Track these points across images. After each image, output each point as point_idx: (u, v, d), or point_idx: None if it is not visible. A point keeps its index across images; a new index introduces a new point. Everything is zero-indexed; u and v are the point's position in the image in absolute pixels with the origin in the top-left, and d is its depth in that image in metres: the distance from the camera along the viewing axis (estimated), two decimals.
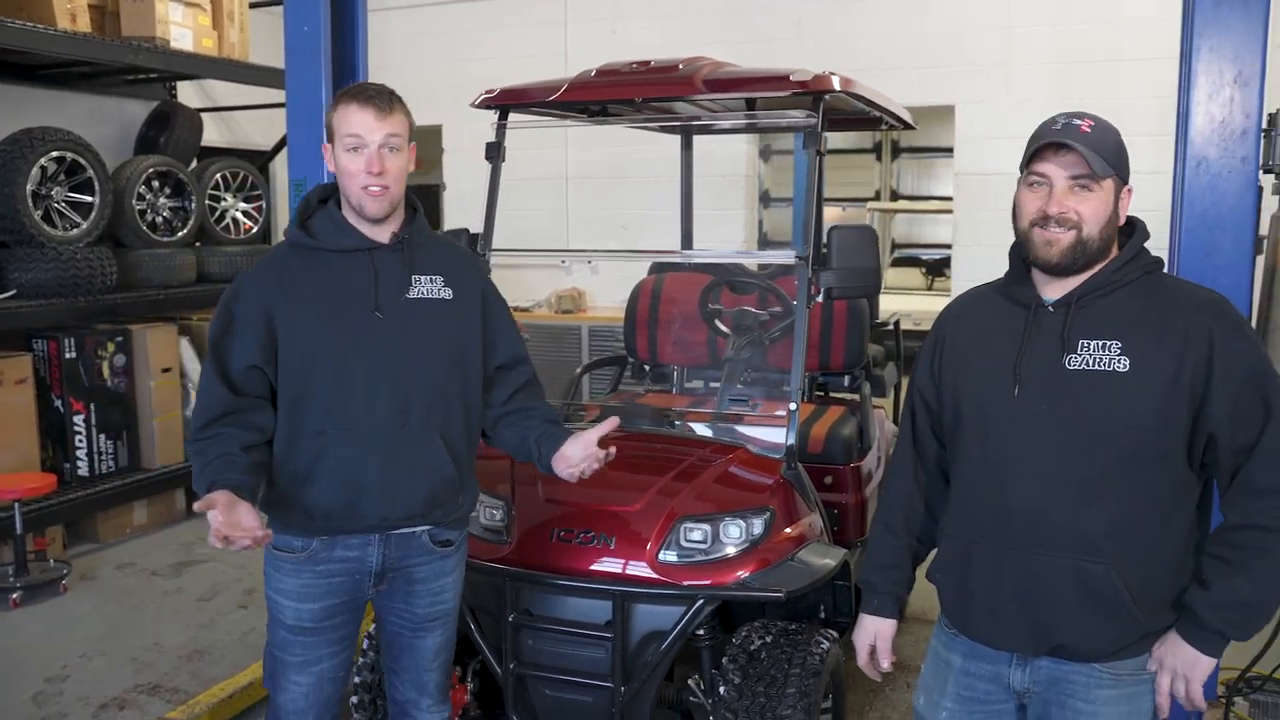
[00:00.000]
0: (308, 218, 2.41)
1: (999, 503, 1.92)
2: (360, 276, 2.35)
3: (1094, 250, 1.87)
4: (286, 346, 2.33)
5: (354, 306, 2.34)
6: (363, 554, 2.41)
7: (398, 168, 2.32)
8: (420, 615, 2.52)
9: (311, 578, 2.40)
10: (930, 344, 2.12)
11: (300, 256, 2.39)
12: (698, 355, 4.37)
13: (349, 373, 2.33)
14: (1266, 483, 1.79)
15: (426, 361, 2.38)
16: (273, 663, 2.49)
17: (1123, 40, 6.39)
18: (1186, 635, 1.85)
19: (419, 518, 2.42)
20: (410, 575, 2.48)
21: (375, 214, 2.33)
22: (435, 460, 2.39)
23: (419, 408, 2.37)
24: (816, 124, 3.16)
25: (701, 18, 7.38)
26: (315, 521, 2.36)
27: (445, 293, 2.42)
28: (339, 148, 2.31)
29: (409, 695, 2.60)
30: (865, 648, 2.21)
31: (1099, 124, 1.87)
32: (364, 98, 2.28)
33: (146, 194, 5.92)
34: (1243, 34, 3.01)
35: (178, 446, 6.01)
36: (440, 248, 2.53)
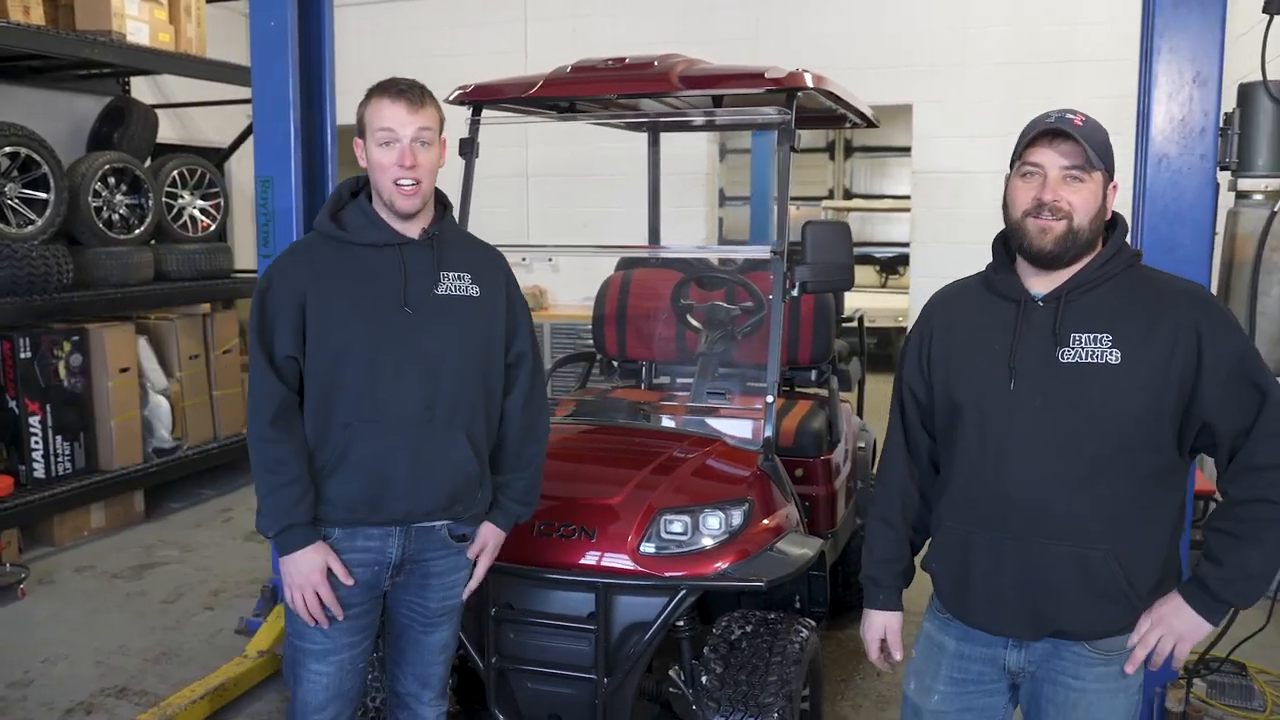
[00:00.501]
0: (339, 210, 2.42)
1: (998, 494, 1.97)
2: (390, 271, 2.37)
3: (1083, 241, 1.92)
4: (316, 337, 2.34)
5: (384, 301, 2.35)
6: (383, 544, 2.42)
7: (429, 161, 2.35)
8: (432, 610, 2.53)
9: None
10: (917, 339, 2.16)
11: (330, 248, 2.39)
12: (666, 350, 4.41)
13: (378, 366, 2.33)
14: (1267, 460, 1.85)
15: (453, 358, 2.40)
16: (293, 653, 2.49)
17: (1077, 41, 6.55)
18: (1195, 605, 1.91)
19: (440, 512, 2.43)
20: (427, 569, 2.49)
21: (407, 209, 2.35)
22: (460, 456, 2.41)
23: (446, 403, 2.38)
24: (790, 120, 3.21)
25: (661, 17, 7.42)
26: (339, 513, 2.37)
27: (473, 290, 2.44)
28: (371, 142, 2.32)
29: (411, 689, 2.61)
30: (875, 641, 2.25)
31: (1089, 120, 1.93)
32: (395, 91, 2.30)
33: (103, 191, 5.81)
34: (1201, 35, 3.11)
35: (136, 447, 5.92)
36: (467, 244, 2.56)
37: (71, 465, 5.61)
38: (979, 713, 2.14)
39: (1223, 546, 1.90)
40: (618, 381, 4.57)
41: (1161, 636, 1.93)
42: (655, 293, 4.44)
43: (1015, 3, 6.68)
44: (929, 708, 2.17)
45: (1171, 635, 1.93)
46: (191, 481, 6.62)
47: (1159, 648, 1.94)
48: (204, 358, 6.50)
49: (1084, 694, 2.00)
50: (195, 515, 6.21)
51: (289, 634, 2.52)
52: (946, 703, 2.14)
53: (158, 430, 6.11)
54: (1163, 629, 1.93)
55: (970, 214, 6.90)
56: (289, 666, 2.54)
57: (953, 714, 2.15)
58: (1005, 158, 7.29)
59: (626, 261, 4.81)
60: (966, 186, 6.90)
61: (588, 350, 4.86)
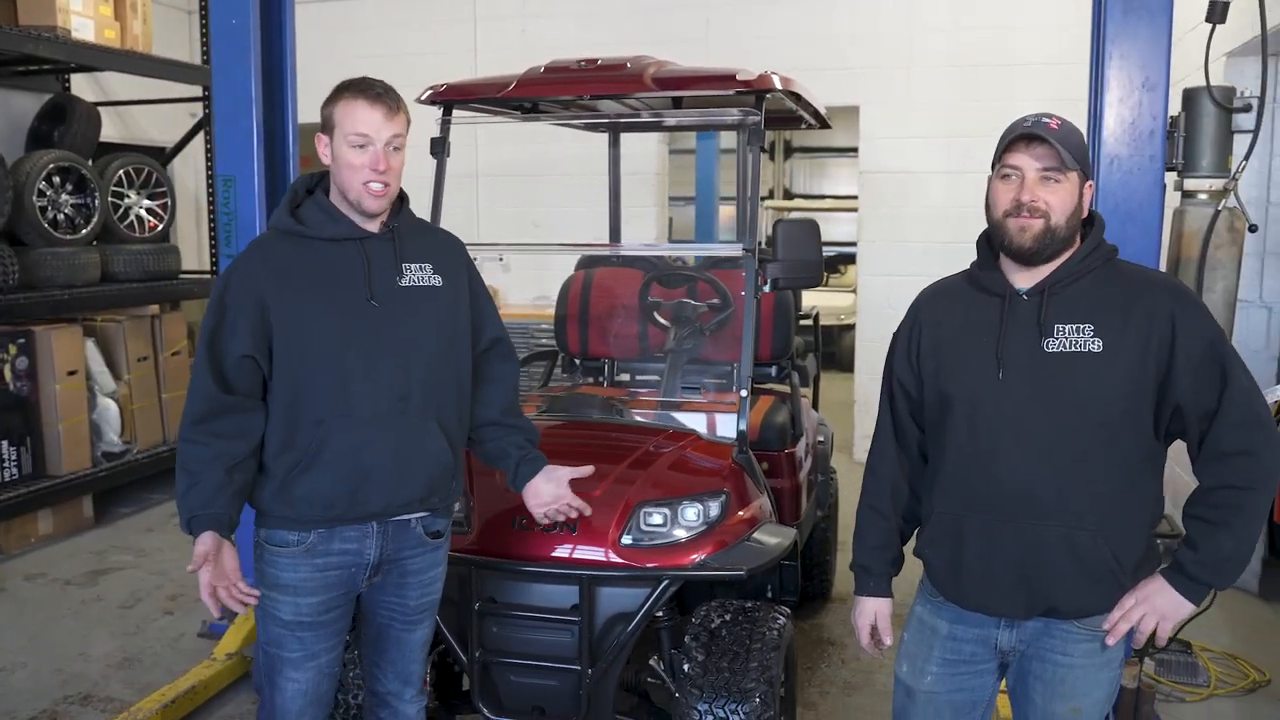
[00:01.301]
0: (296, 206, 2.41)
1: (991, 481, 2.06)
2: (352, 265, 2.37)
3: (1060, 238, 2.02)
4: (282, 336, 2.32)
5: (349, 295, 2.35)
6: (361, 546, 2.42)
7: (399, 166, 2.37)
8: (412, 607, 2.54)
9: (310, 571, 2.39)
10: (906, 334, 2.25)
11: (289, 245, 2.38)
12: (630, 348, 4.46)
13: (348, 361, 2.33)
14: (1232, 447, 1.97)
15: (422, 348, 2.41)
16: (267, 661, 2.46)
17: (1017, 46, 6.74)
18: (1177, 586, 2.02)
19: (417, 504, 2.44)
20: (404, 567, 2.50)
21: (374, 210, 2.36)
22: (434, 446, 2.43)
23: (418, 394, 2.39)
24: (760, 122, 3.29)
25: (611, 17, 7.46)
26: (316, 511, 2.35)
27: (435, 279, 2.45)
28: (342, 142, 2.31)
29: (392, 687, 2.61)
30: (866, 627, 2.33)
31: (1065, 123, 2.03)
32: (374, 95, 2.30)
33: (48, 190, 5.69)
34: (1149, 43, 3.26)
35: (85, 451, 5.81)
36: (426, 234, 2.56)
37: (18, 471, 5.49)
38: (969, 692, 2.24)
39: (1198, 532, 2.02)
40: (580, 379, 4.62)
41: (1145, 614, 2.04)
42: (618, 291, 4.49)
43: (958, 8, 6.85)
44: (922, 688, 2.25)
45: (1155, 614, 2.04)
46: (140, 486, 6.50)
47: (1142, 625, 2.04)
48: (152, 360, 6.39)
49: (1071, 669, 2.11)
50: (146, 520, 6.11)
51: (262, 642, 2.49)
52: (939, 683, 2.23)
53: (106, 434, 6.00)
54: (1146, 607, 2.04)
55: (917, 213, 7.07)
56: (262, 674, 2.51)
57: (944, 694, 2.24)
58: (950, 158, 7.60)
59: (587, 260, 4.85)
60: (912, 186, 7.06)
61: (550, 349, 4.89)
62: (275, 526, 2.39)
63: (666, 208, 8.39)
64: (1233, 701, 3.86)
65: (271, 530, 2.40)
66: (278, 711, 2.47)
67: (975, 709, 2.27)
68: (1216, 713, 3.79)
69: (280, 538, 2.38)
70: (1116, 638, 2.08)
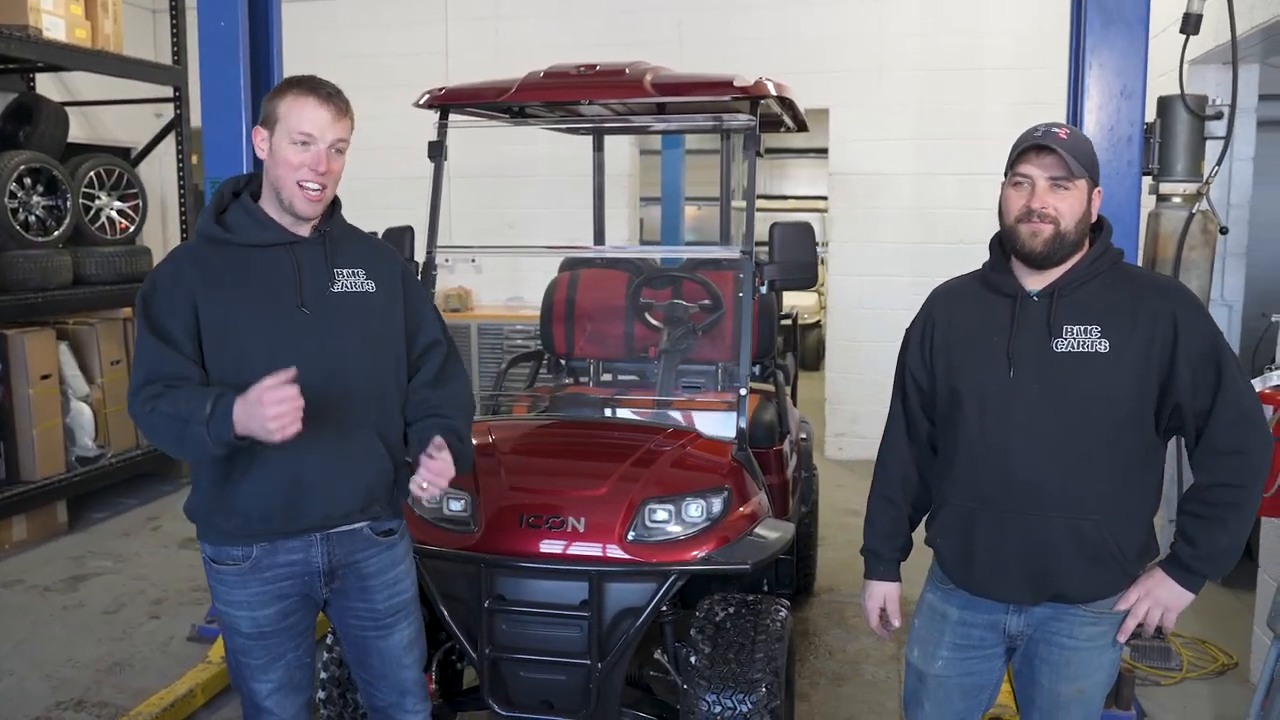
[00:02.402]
0: (222, 212, 2.32)
1: (1002, 473, 2.16)
2: (282, 271, 2.29)
3: (1070, 243, 2.13)
4: (213, 344, 2.24)
5: (279, 302, 2.28)
6: (306, 555, 2.36)
7: (339, 170, 2.30)
8: (381, 610, 2.48)
9: (259, 585, 2.34)
10: (919, 330, 2.35)
11: (216, 251, 2.29)
12: (615, 348, 4.52)
13: (279, 369, 2.13)
14: (1226, 445, 2.08)
15: (356, 355, 2.34)
16: (236, 666, 2.44)
17: (985, 51, 6.89)
18: (1176, 578, 2.14)
19: (358, 514, 2.39)
20: (361, 571, 2.44)
21: (306, 213, 2.28)
22: (372, 454, 2.37)
23: (353, 402, 2.33)
24: (755, 126, 3.37)
25: (583, 19, 7.51)
26: (254, 525, 2.28)
27: (368, 285, 2.38)
28: (282, 139, 2.23)
29: (390, 699, 2.57)
30: (875, 610, 2.43)
31: (1073, 132, 2.14)
32: (324, 95, 2.24)
33: (18, 192, 5.61)
34: (1126, 53, 3.40)
35: (59, 457, 5.74)
36: (358, 239, 2.48)
37: None
38: (979, 675, 2.34)
39: (1194, 528, 2.13)
40: (565, 379, 4.67)
41: (1150, 607, 2.16)
42: (604, 292, 4.56)
43: (928, 13, 6.99)
44: (933, 672, 2.35)
45: (1159, 605, 2.16)
46: (114, 491, 6.43)
47: (1148, 617, 2.16)
48: (125, 363, 6.31)
49: (1076, 652, 2.22)
50: (121, 525, 6.05)
51: (229, 648, 2.45)
52: (949, 667, 2.33)
53: (80, 438, 5.93)
54: (1150, 600, 2.16)
55: (887, 214, 7.20)
56: (235, 678, 2.49)
57: (954, 678, 2.34)
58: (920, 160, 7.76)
59: (570, 262, 4.91)
60: (883, 188, 7.20)
61: (534, 350, 4.94)
62: (218, 543, 2.33)
63: (638, 208, 8.45)
64: (1205, 684, 4.02)
65: (216, 547, 2.34)
66: (258, 709, 2.46)
67: (983, 692, 2.38)
68: (1190, 694, 3.94)
69: (225, 554, 2.32)
70: (1126, 635, 2.20)
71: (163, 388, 2.15)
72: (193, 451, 2.16)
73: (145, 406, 2.16)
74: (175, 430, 2.12)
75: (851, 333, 7.44)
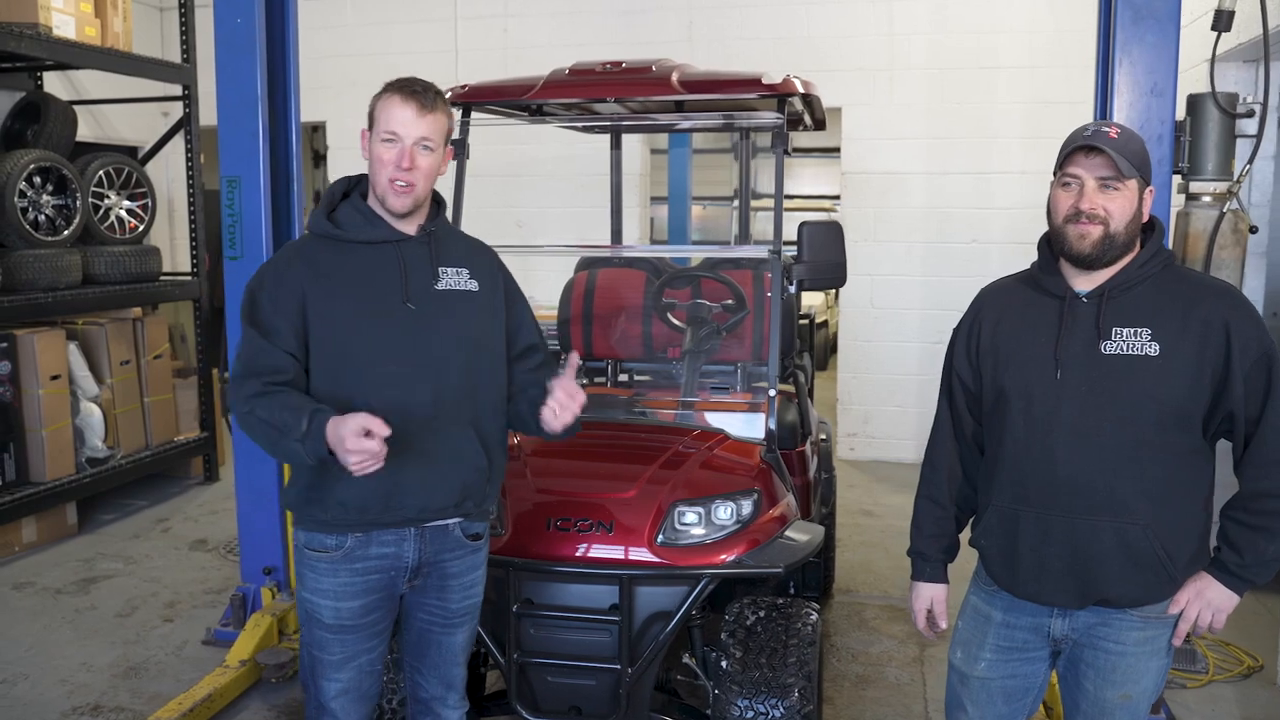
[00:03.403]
0: (333, 210, 2.41)
1: (1047, 474, 2.13)
2: (389, 269, 2.36)
3: (1120, 244, 2.09)
4: (320, 337, 2.32)
5: (384, 299, 2.34)
6: (399, 550, 2.41)
7: (428, 166, 2.35)
8: (453, 610, 2.53)
9: (349, 576, 2.38)
10: (966, 330, 2.32)
11: (326, 248, 2.38)
12: (634, 349, 4.48)
13: (384, 365, 2.32)
14: (1273, 454, 2.06)
15: (458, 353, 2.39)
16: (310, 661, 2.47)
17: (998, 49, 6.86)
18: (1224, 582, 2.12)
19: (452, 509, 2.43)
20: (444, 570, 2.49)
21: (397, 208, 2.34)
22: (469, 451, 2.41)
23: (452, 399, 2.37)
24: (783, 124, 3.33)
25: (594, 17, 7.47)
26: (350, 515, 2.34)
27: (471, 284, 2.45)
28: (375, 138, 2.33)
29: (436, 692, 2.61)
30: (923, 611, 2.41)
31: (1124, 131, 2.10)
32: (409, 92, 2.30)
33: (28, 191, 5.56)
34: (1157, 50, 3.36)
35: (68, 457, 5.69)
36: (462, 240, 2.57)
37: (1, 478, 5.36)
38: (1023, 679, 2.31)
39: (1240, 536, 2.11)
40: (582, 380, 4.63)
41: (1201, 609, 2.13)
42: (623, 292, 4.51)
43: (939, 11, 6.96)
44: (975, 674, 2.32)
45: (1209, 608, 2.13)
46: (120, 493, 6.39)
47: (1199, 620, 2.14)
48: (135, 363, 6.27)
49: (1123, 657, 2.18)
50: (131, 526, 6.00)
51: (304, 643, 2.49)
52: (992, 669, 2.30)
53: (90, 439, 5.88)
54: (1201, 602, 2.13)
55: (899, 213, 7.17)
56: (305, 673, 2.52)
57: (998, 680, 2.31)
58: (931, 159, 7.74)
59: (587, 261, 4.87)
60: (895, 187, 7.16)
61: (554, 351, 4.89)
62: (312, 530, 2.38)
63: (648, 207, 8.42)
64: (1231, 686, 3.99)
65: (310, 534, 2.39)
66: (322, 709, 2.48)
67: (1027, 695, 2.34)
68: (1217, 697, 3.91)
69: (319, 542, 2.38)
70: (1181, 638, 2.18)
71: (261, 385, 2.23)
72: (287, 460, 2.26)
73: (244, 406, 2.23)
74: (271, 438, 2.20)
75: (863, 332, 7.40)
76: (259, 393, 2.22)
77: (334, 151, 8.21)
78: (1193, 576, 2.16)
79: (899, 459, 7.41)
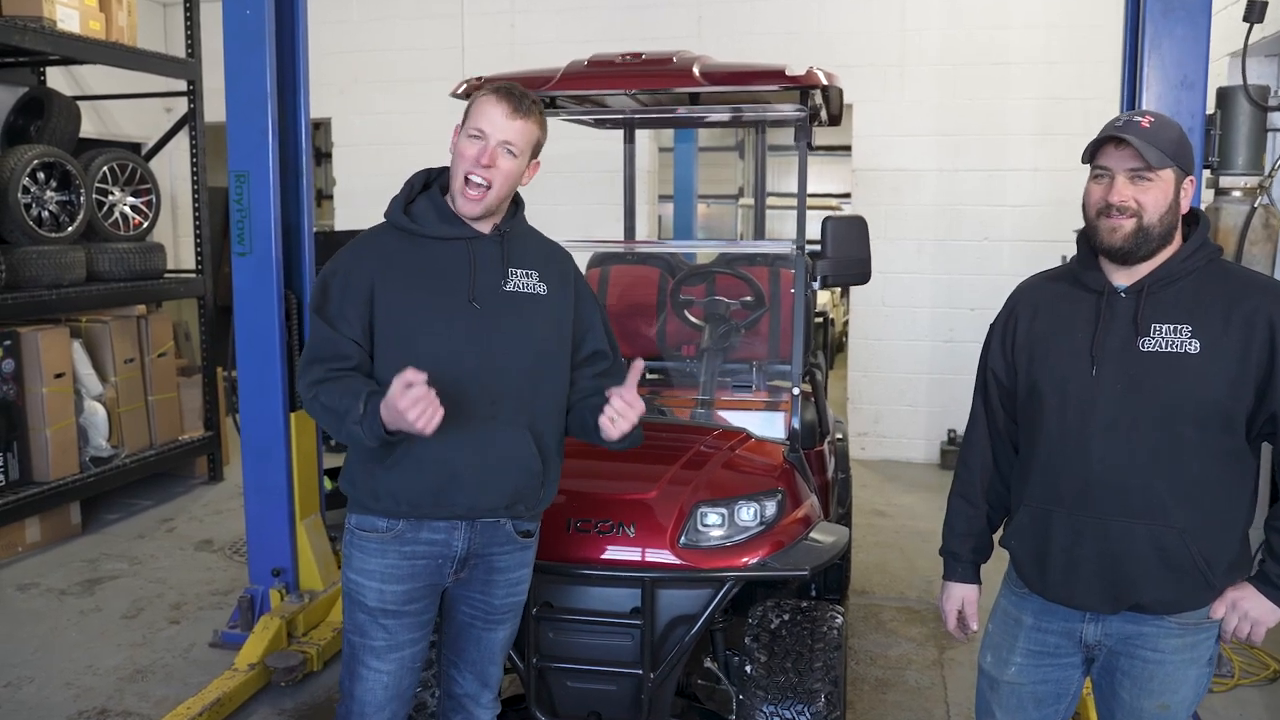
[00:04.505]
0: (410, 202, 2.40)
1: (1080, 474, 2.06)
2: (458, 265, 2.35)
3: (1155, 237, 2.02)
4: (384, 327, 2.32)
5: (451, 295, 2.33)
6: (449, 538, 2.39)
7: (508, 170, 2.31)
8: (496, 606, 2.50)
9: (397, 558, 2.37)
10: (1001, 325, 2.25)
11: (400, 240, 2.38)
12: (649, 346, 4.42)
13: (445, 360, 2.29)
14: None
15: (519, 354, 2.37)
16: (350, 650, 2.45)
17: (1010, 44, 6.79)
18: (1268, 595, 2.05)
19: (503, 510, 2.41)
20: (492, 564, 2.46)
21: (465, 211, 2.33)
22: (524, 453, 2.38)
23: (511, 400, 2.36)
24: (806, 118, 3.26)
25: (601, 12, 7.40)
26: (401, 507, 2.35)
27: (540, 287, 2.42)
28: (463, 134, 2.32)
29: (471, 689, 2.57)
30: (954, 612, 2.35)
31: (1158, 119, 2.03)
32: (504, 93, 2.31)
33: (31, 187, 5.49)
34: (1188, 43, 3.30)
35: (72, 457, 5.61)
36: (536, 242, 2.53)
37: (5, 477, 5.29)
38: (1055, 684, 2.24)
39: None
40: None
41: (1238, 621, 2.07)
42: (636, 288, 4.45)
43: (952, 6, 6.89)
44: (1005, 679, 2.26)
45: (1245, 620, 2.07)
46: (124, 492, 6.31)
47: (1237, 630, 2.08)
48: (139, 361, 6.20)
49: (1161, 665, 2.11)
50: (135, 526, 5.93)
51: (347, 631, 2.47)
52: (1023, 674, 2.24)
53: (94, 438, 5.81)
54: (1237, 614, 2.07)
55: (910, 211, 7.10)
56: (345, 665, 2.48)
57: (1029, 685, 2.24)
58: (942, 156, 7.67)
59: (600, 257, 4.80)
60: (906, 184, 7.09)
61: None
62: (364, 513, 2.38)
63: (656, 204, 8.35)
64: (1257, 691, 3.93)
65: (361, 516, 2.39)
66: (358, 703, 2.44)
67: (1060, 701, 2.28)
68: (1244, 701, 3.85)
69: (370, 523, 2.38)
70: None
71: (325, 371, 2.28)
72: (351, 442, 2.30)
73: (309, 392, 2.29)
74: (334, 423, 2.25)
75: (874, 331, 7.34)
76: (321, 379, 2.27)
77: (339, 149, 8.14)
78: (1233, 585, 2.09)
79: (910, 458, 7.35)
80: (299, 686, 3.91)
